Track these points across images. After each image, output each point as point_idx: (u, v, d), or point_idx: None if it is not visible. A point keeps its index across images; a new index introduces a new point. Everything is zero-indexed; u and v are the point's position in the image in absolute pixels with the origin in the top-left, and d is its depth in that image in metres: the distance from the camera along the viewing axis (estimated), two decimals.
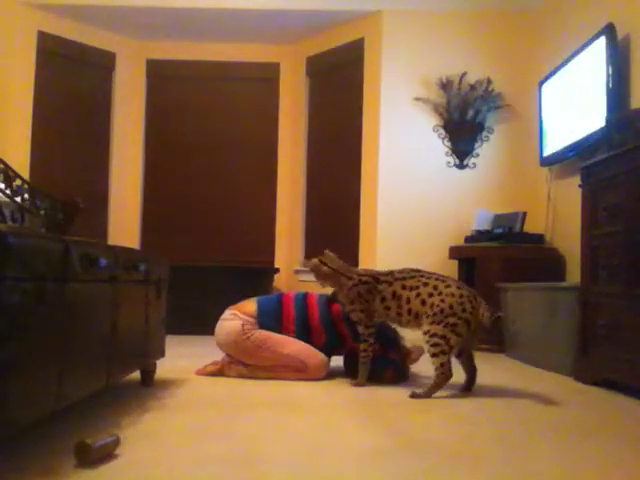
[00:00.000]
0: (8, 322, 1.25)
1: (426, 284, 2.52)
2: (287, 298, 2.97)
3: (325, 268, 2.71)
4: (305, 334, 2.86)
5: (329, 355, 2.88)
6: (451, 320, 2.40)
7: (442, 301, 2.44)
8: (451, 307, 2.42)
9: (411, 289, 2.53)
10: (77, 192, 2.90)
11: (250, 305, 2.92)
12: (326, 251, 2.78)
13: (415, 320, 2.52)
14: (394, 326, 2.79)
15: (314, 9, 4.95)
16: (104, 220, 5.45)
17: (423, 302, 2.49)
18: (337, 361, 2.96)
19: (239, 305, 2.95)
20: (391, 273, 2.63)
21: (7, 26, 4.83)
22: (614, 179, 2.66)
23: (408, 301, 2.53)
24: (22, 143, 4.89)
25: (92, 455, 1.43)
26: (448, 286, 2.49)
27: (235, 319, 2.86)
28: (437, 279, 2.54)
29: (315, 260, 2.75)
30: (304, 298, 2.96)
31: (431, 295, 2.48)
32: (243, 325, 2.82)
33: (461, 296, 2.44)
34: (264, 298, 3.02)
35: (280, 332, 2.85)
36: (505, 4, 4.77)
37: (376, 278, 2.63)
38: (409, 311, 2.52)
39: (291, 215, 5.58)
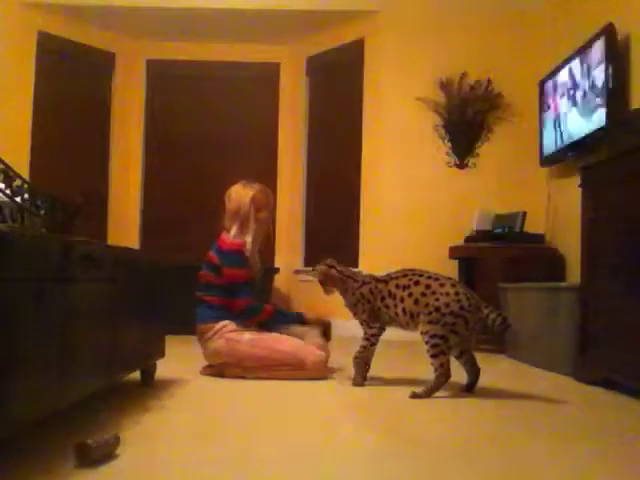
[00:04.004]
0: (8, 322, 1.25)
1: (417, 282, 2.51)
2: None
3: (334, 271, 2.72)
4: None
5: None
6: (449, 319, 2.40)
7: (437, 300, 2.43)
8: (447, 305, 2.41)
9: (404, 288, 2.53)
10: (77, 192, 2.89)
11: (204, 327, 2.88)
12: (329, 259, 2.78)
13: (412, 320, 2.51)
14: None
15: (314, 9, 4.95)
16: (104, 220, 5.45)
17: (416, 301, 2.48)
18: (337, 361, 2.97)
19: (200, 338, 2.91)
20: (388, 274, 2.65)
21: (7, 26, 4.83)
22: (614, 179, 2.66)
23: (402, 300, 2.52)
24: (22, 143, 4.89)
25: (92, 455, 1.43)
26: (442, 285, 2.47)
27: (213, 340, 2.84)
28: (429, 277, 2.52)
29: (323, 266, 2.75)
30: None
31: (424, 295, 2.47)
32: (225, 338, 2.82)
33: (457, 294, 2.44)
34: (201, 315, 2.95)
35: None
36: (505, 4, 4.77)
37: (375, 279, 2.66)
38: (403, 310, 2.52)
39: (291, 215, 5.57)
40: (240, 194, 3.01)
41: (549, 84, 4.22)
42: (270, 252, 5.57)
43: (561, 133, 4.01)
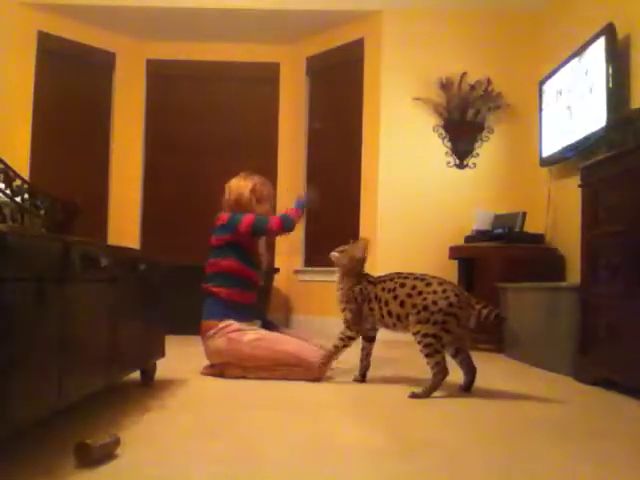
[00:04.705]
0: (8, 322, 1.25)
1: (403, 285, 2.52)
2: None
3: (361, 262, 2.73)
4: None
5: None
6: (439, 317, 2.40)
7: (424, 299, 2.43)
8: (435, 303, 2.41)
9: (389, 291, 2.55)
10: (77, 192, 2.89)
11: (207, 324, 2.87)
12: None
13: (399, 322, 2.52)
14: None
15: (314, 9, 4.95)
16: (104, 220, 5.45)
17: (402, 303, 2.50)
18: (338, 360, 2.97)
19: (203, 332, 2.88)
20: (378, 277, 2.67)
21: (7, 26, 4.83)
22: (614, 179, 2.66)
23: (387, 303, 2.55)
24: (22, 143, 4.89)
25: (92, 455, 1.43)
26: (429, 284, 2.48)
27: (215, 339, 2.83)
28: (415, 278, 2.53)
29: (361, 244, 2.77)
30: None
31: (410, 296, 2.48)
32: (227, 337, 2.81)
33: (444, 291, 2.44)
34: (206, 311, 2.93)
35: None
36: (505, 4, 4.77)
37: (367, 280, 2.68)
38: (389, 313, 2.54)
39: None
40: (240, 185, 3.02)
41: (549, 84, 4.22)
42: (270, 252, 5.57)
43: (561, 133, 4.01)
